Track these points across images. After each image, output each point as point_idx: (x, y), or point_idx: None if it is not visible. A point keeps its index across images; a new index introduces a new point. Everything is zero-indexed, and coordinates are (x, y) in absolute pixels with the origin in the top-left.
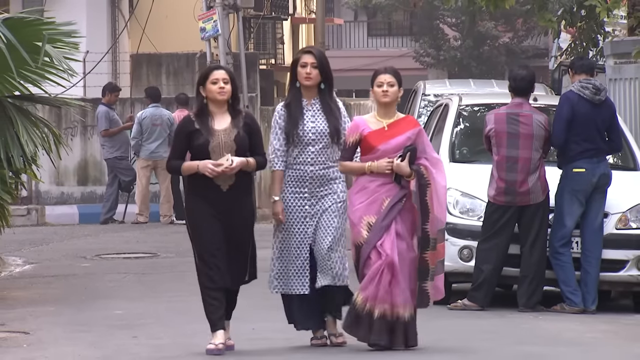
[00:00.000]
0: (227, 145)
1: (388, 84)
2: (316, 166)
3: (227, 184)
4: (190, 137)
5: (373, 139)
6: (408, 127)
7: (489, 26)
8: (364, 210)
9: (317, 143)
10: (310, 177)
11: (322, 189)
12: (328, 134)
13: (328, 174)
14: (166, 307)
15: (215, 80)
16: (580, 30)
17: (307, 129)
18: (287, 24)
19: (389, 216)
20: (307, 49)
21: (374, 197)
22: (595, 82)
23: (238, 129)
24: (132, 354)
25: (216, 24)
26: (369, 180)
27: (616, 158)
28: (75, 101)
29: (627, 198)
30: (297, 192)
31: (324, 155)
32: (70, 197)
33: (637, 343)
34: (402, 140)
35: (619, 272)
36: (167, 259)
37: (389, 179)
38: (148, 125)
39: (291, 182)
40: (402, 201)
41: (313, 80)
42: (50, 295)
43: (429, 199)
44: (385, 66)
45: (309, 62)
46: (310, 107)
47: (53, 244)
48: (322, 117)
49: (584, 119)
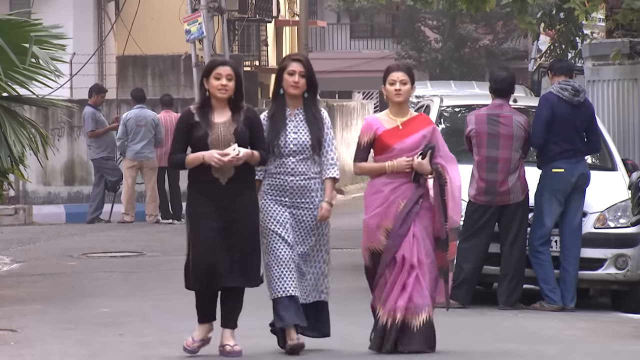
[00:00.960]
0: (226, 138)
1: (401, 82)
2: (296, 177)
3: (226, 177)
4: (190, 130)
5: (388, 138)
6: (422, 125)
7: (469, 29)
8: (381, 216)
9: (298, 154)
10: (291, 187)
11: (302, 200)
12: (310, 146)
13: (309, 185)
14: (152, 305)
15: (219, 75)
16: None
17: (288, 140)
18: (271, 26)
19: (406, 222)
20: (294, 57)
21: (390, 201)
22: (574, 83)
23: (238, 123)
24: (118, 351)
25: (201, 26)
26: (383, 182)
27: (594, 158)
28: (62, 102)
29: (605, 198)
30: (278, 200)
31: (304, 166)
32: (57, 197)
33: (615, 340)
34: (417, 139)
35: (597, 270)
36: (152, 258)
37: (404, 180)
38: (133, 126)
39: (271, 191)
40: (418, 202)
41: (300, 89)
42: (38, 294)
43: (447, 199)
44: (398, 63)
45: (297, 71)
46: (294, 117)
47: (40, 243)
48: (305, 128)
49: (563, 120)
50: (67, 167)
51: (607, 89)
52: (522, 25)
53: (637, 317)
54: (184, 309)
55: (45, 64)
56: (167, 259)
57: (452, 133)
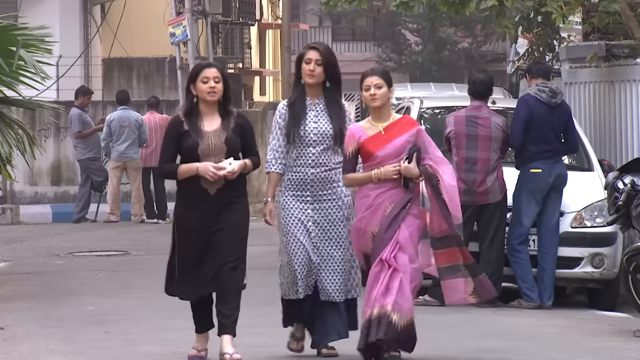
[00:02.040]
0: (217, 147)
1: (375, 86)
2: (317, 168)
3: (215, 188)
4: (179, 139)
5: (371, 145)
6: (406, 129)
7: (449, 32)
8: (368, 220)
9: (319, 145)
10: (312, 179)
11: (325, 192)
12: (331, 136)
13: (330, 176)
14: (137, 303)
15: (206, 79)
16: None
17: (308, 129)
18: (254, 29)
19: (391, 227)
20: (312, 45)
21: (376, 205)
22: (551, 85)
23: (228, 131)
24: (104, 348)
25: (185, 29)
26: (371, 187)
27: (572, 159)
28: (48, 104)
29: (582, 198)
30: (299, 195)
31: (325, 157)
32: (44, 197)
33: (592, 337)
34: (401, 143)
35: (574, 269)
36: (138, 257)
37: (392, 185)
38: (116, 127)
39: (292, 185)
40: (406, 207)
41: (316, 78)
42: (25, 292)
43: (444, 196)
44: (373, 67)
45: (313, 59)
46: (314, 106)
47: (27, 242)
48: (326, 117)
49: (541, 121)
50: (54, 167)
51: (584, 91)
52: (499, 29)
53: (613, 315)
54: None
55: (32, 66)
56: (152, 257)
57: (432, 134)
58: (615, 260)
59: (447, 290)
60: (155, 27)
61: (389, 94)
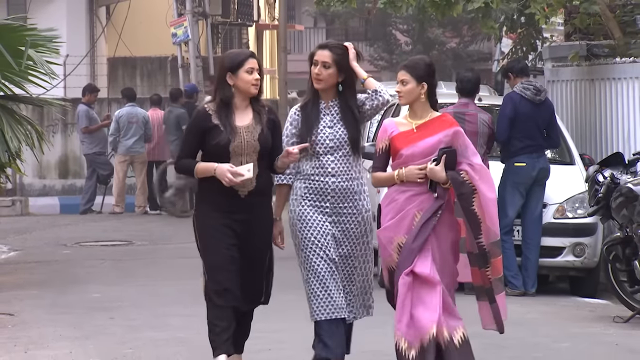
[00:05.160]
0: (249, 145)
1: (401, 82)
2: (338, 177)
3: (246, 190)
4: (205, 134)
5: (398, 142)
6: (441, 128)
7: (437, 32)
8: (394, 229)
9: (337, 151)
10: (332, 189)
11: (346, 204)
12: (348, 142)
13: (352, 186)
14: (140, 291)
15: (251, 69)
16: (520, 36)
17: (324, 135)
18: (252, 30)
19: (420, 236)
20: (322, 44)
21: (404, 213)
22: (535, 83)
23: (262, 126)
24: (109, 333)
25: (186, 30)
26: (398, 191)
27: (554, 153)
28: (56, 101)
29: (564, 190)
30: (318, 205)
31: (345, 165)
32: (51, 189)
33: (573, 323)
34: (432, 143)
35: (557, 258)
36: (141, 247)
37: (422, 189)
38: (125, 122)
39: (311, 195)
40: (437, 215)
41: (324, 82)
42: (34, 280)
43: (477, 208)
44: (407, 60)
45: (319, 61)
46: (329, 110)
47: (36, 232)
48: (341, 121)
49: (526, 118)
50: (61, 161)
51: (566, 88)
52: (485, 29)
53: (593, 301)
54: (170, 295)
55: (40, 65)
56: (155, 247)
57: None
58: (596, 249)
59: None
60: (157, 28)
61: (420, 90)
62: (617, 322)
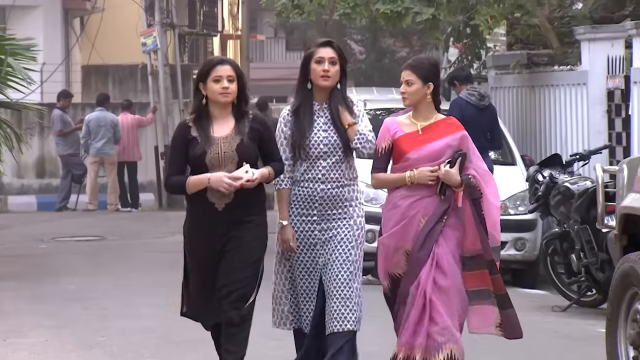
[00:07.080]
0: (227, 156)
1: (406, 82)
2: (328, 184)
3: (222, 202)
4: (187, 147)
5: (404, 144)
6: (448, 131)
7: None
8: (400, 236)
9: (330, 156)
10: (321, 196)
11: (335, 211)
12: (340, 146)
13: (342, 193)
14: (113, 283)
15: (219, 77)
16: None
17: (318, 139)
18: (216, 40)
19: (427, 243)
20: (324, 41)
21: (409, 219)
22: (480, 90)
23: (242, 136)
24: (83, 322)
25: (155, 39)
26: (401, 196)
27: (497, 154)
28: (33, 105)
29: (507, 188)
30: (305, 214)
31: (337, 171)
32: (29, 188)
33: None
34: (439, 147)
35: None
36: (113, 242)
37: (425, 193)
38: (94, 126)
39: (298, 203)
40: (443, 220)
41: (332, 80)
42: (13, 273)
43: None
44: (411, 60)
45: (326, 57)
46: (322, 112)
47: (14, 228)
48: (335, 125)
49: (471, 121)
50: (39, 162)
51: (508, 94)
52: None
53: (533, 292)
54: (140, 286)
55: (18, 72)
56: (126, 242)
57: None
58: (536, 244)
59: (474, 316)
60: (128, 38)
61: (426, 91)
62: (555, 311)
